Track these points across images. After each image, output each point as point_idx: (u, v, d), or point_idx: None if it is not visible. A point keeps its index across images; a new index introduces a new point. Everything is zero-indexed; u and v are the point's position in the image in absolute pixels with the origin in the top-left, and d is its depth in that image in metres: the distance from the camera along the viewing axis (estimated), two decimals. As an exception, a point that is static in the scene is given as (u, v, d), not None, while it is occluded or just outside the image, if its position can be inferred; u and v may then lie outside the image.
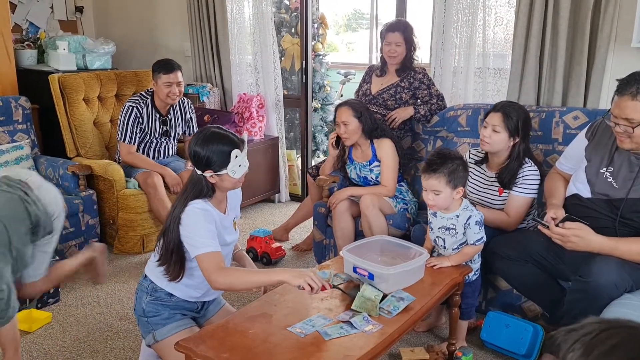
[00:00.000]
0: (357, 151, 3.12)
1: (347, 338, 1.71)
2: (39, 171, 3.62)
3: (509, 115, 2.51)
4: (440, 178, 2.13)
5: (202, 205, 1.95)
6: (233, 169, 1.96)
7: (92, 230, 3.51)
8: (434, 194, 2.16)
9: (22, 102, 3.73)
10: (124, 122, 3.54)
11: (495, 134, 2.51)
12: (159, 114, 3.64)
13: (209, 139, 1.95)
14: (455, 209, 2.22)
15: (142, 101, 3.58)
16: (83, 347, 2.49)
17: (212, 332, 1.76)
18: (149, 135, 3.64)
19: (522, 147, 2.55)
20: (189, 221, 1.92)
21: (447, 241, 2.25)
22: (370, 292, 1.90)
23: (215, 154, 1.93)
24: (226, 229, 2.09)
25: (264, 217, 4.30)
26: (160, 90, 3.53)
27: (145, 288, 2.12)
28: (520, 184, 2.51)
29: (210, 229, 1.92)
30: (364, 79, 3.55)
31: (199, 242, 1.89)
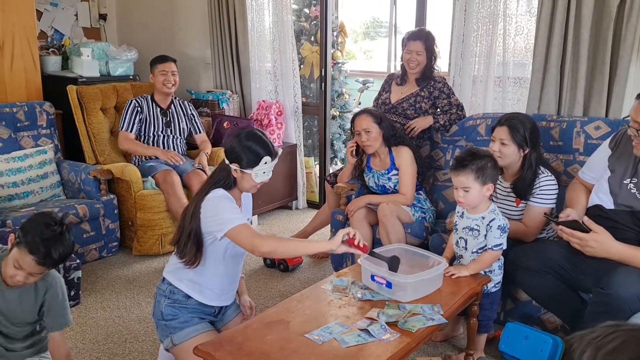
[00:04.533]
0: (376, 159, 3.13)
1: (365, 346, 1.71)
2: (61, 175, 3.69)
3: (515, 128, 2.50)
4: (468, 174, 2.15)
5: (222, 192, 2.03)
6: (257, 172, 2.02)
7: (112, 235, 3.56)
8: (464, 191, 2.18)
9: (46, 108, 3.81)
10: (123, 113, 3.76)
11: (504, 147, 2.50)
12: (159, 108, 3.83)
13: (251, 137, 2.05)
14: (483, 211, 2.22)
15: (142, 98, 3.84)
16: (102, 350, 2.52)
17: (231, 337, 1.77)
18: (153, 128, 3.79)
19: (533, 156, 2.53)
20: (211, 205, 1.98)
21: (469, 243, 2.24)
22: (394, 312, 1.90)
23: (250, 152, 2.01)
24: None
25: (281, 224, 4.32)
26: (156, 80, 3.77)
27: (163, 291, 2.14)
28: (537, 195, 2.49)
29: (234, 207, 1.99)
30: (384, 87, 3.55)
31: (227, 218, 1.94)
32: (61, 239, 1.82)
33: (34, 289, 1.97)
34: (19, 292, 1.95)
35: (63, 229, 1.84)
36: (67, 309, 2.06)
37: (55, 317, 2.03)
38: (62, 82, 4.13)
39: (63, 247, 1.81)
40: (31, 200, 3.49)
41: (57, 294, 2.01)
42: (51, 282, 2.00)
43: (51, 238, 1.79)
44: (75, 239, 3.27)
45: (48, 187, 3.60)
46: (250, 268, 3.42)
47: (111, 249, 3.57)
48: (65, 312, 2.05)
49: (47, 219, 1.85)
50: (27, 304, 1.99)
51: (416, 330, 1.80)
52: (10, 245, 1.83)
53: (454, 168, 2.21)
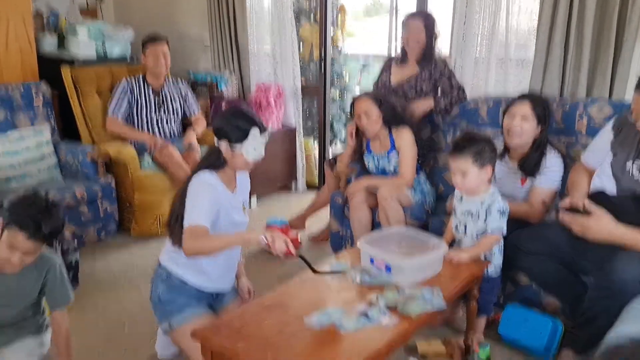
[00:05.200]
0: (376, 142, 3.09)
1: (364, 331, 1.70)
2: (58, 157, 3.66)
3: (537, 102, 2.50)
4: (466, 158, 2.13)
5: (208, 178, 2.00)
6: (248, 149, 1.98)
7: (110, 217, 3.54)
8: (461, 176, 2.16)
9: (42, 89, 3.76)
10: (112, 95, 3.73)
11: (525, 123, 2.48)
12: (152, 89, 3.79)
13: (234, 112, 2.04)
14: (482, 195, 2.21)
15: (133, 78, 3.78)
16: (100, 333, 2.52)
17: (228, 321, 1.76)
18: (145, 110, 3.74)
19: (545, 135, 2.53)
20: (191, 190, 1.97)
21: (469, 227, 2.23)
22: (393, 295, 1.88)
23: (236, 127, 1.98)
24: (235, 209, 2.11)
25: (280, 206, 4.30)
26: (148, 61, 3.72)
27: (160, 275, 2.13)
28: (544, 174, 2.48)
29: (205, 203, 1.94)
30: (383, 69, 3.50)
31: (191, 213, 1.91)
32: (49, 212, 1.82)
33: (34, 271, 1.96)
34: (18, 278, 1.94)
35: (48, 203, 1.85)
36: (67, 287, 2.07)
37: (56, 296, 2.03)
38: (58, 63, 4.07)
39: (52, 219, 1.82)
40: (29, 182, 3.45)
41: (56, 274, 2.02)
42: (52, 264, 2.01)
43: (38, 212, 1.79)
44: (73, 221, 3.30)
45: (45, 169, 3.56)
46: (248, 251, 3.41)
47: (109, 231, 3.55)
48: (66, 290, 2.06)
49: (30, 196, 1.85)
50: (27, 288, 1.98)
51: (416, 314, 1.79)
52: (0, 231, 1.81)
53: (452, 152, 2.19)
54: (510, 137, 2.52)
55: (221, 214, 2.01)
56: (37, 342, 2.11)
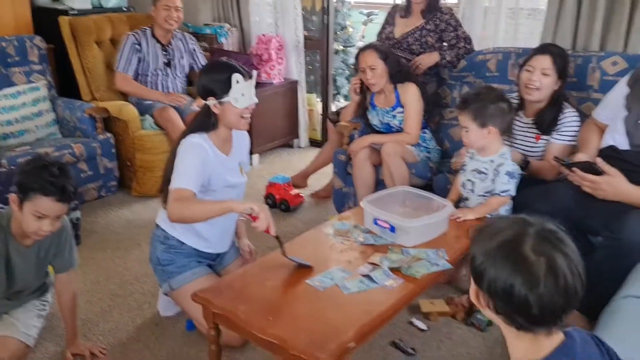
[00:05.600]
0: (380, 96, 3.00)
1: (367, 293, 1.67)
2: (56, 113, 3.58)
3: (558, 55, 2.41)
4: (466, 114, 2.12)
5: (197, 139, 1.93)
6: (235, 96, 1.91)
7: (110, 174, 3.49)
8: (464, 131, 2.15)
9: (37, 42, 3.65)
10: (120, 51, 3.53)
11: (545, 78, 2.39)
12: (160, 44, 3.60)
13: (211, 66, 2.04)
14: (492, 154, 2.17)
15: (140, 31, 3.57)
16: (103, 291, 2.51)
17: (230, 282, 1.74)
18: (151, 66, 3.58)
19: (562, 90, 2.45)
20: (180, 152, 1.91)
21: (477, 185, 2.19)
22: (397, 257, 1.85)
23: (217, 78, 1.92)
24: (230, 170, 2.05)
25: (282, 163, 4.24)
26: (158, 15, 3.50)
27: (158, 237, 2.10)
28: (561, 131, 2.41)
29: (193, 164, 1.87)
30: (387, 20, 3.36)
31: (177, 176, 1.86)
32: (67, 174, 1.80)
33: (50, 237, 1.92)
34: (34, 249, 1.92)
35: (61, 165, 1.82)
36: (74, 251, 2.06)
37: (62, 260, 2.03)
38: (53, 15, 3.94)
39: (70, 179, 1.80)
40: (26, 138, 3.40)
41: (67, 237, 2.01)
42: (64, 227, 1.98)
43: (57, 174, 1.76)
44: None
45: (43, 125, 3.50)
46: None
47: (110, 188, 3.52)
48: (72, 254, 2.05)
49: (41, 162, 1.80)
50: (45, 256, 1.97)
51: (420, 276, 1.76)
52: (15, 204, 1.76)
53: (457, 106, 2.19)
54: (529, 92, 2.43)
55: (213, 177, 1.95)
56: (42, 302, 2.12)
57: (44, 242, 1.93)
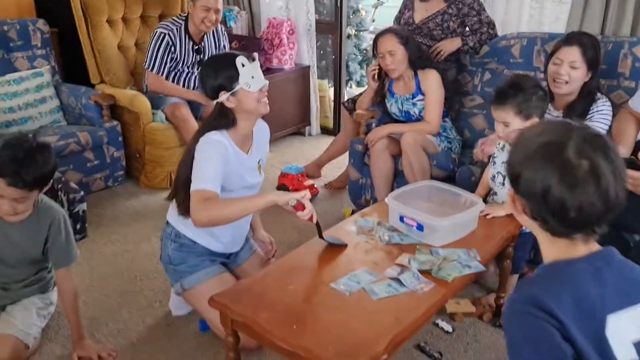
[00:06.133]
0: (399, 83, 2.87)
1: (397, 298, 1.56)
2: (60, 100, 3.45)
3: (587, 46, 2.24)
4: (507, 110, 1.96)
5: (217, 136, 1.79)
6: (246, 80, 1.78)
7: (117, 163, 3.38)
8: (503, 126, 1.99)
9: (40, 25, 3.51)
10: (154, 49, 3.25)
11: (574, 71, 2.22)
12: (192, 42, 3.34)
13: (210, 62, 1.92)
14: None
15: (175, 27, 3.26)
16: (111, 287, 2.41)
17: (249, 286, 1.62)
18: (181, 64, 3.36)
19: (595, 81, 2.30)
20: (199, 152, 1.77)
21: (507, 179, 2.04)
22: (426, 258, 1.73)
23: (221, 72, 1.80)
24: (249, 170, 1.92)
25: (293, 151, 4.12)
26: (195, 14, 3.21)
27: (168, 235, 1.99)
28: (595, 119, 2.24)
29: (214, 163, 1.74)
30: (405, 4, 3.19)
31: (198, 177, 1.72)
32: (34, 158, 1.70)
33: (36, 222, 1.87)
34: (20, 227, 1.84)
35: (33, 146, 1.72)
36: (71, 245, 1.96)
37: (59, 253, 1.93)
38: (56, -4, 3.79)
39: (37, 165, 1.70)
40: (30, 126, 3.28)
41: (60, 229, 1.91)
42: (55, 216, 1.90)
43: (21, 157, 1.67)
44: (79, 168, 3.15)
45: (47, 112, 3.37)
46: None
47: (117, 178, 3.40)
48: (70, 248, 1.95)
49: (17, 139, 1.72)
50: (31, 238, 1.88)
51: (452, 279, 1.64)
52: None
53: (494, 101, 2.00)
54: (558, 85, 2.27)
55: (232, 177, 1.82)
56: (44, 300, 2.02)
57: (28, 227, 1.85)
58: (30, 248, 1.91)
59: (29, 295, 1.99)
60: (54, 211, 1.91)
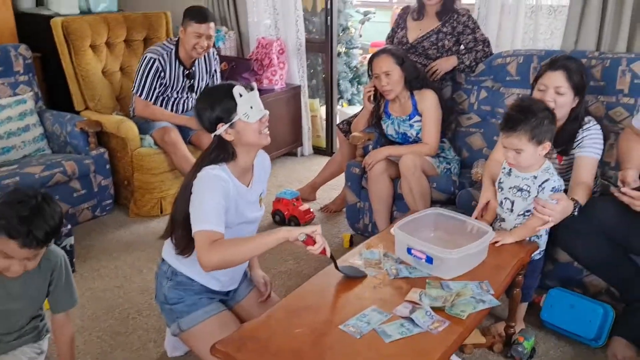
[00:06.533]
0: (395, 104, 2.80)
1: (411, 340, 1.46)
2: (44, 127, 3.34)
3: (572, 70, 2.13)
4: (520, 136, 1.86)
5: (217, 171, 1.69)
6: (244, 111, 1.69)
7: (105, 192, 3.26)
8: (515, 153, 1.90)
9: (22, 51, 3.40)
10: (142, 75, 3.15)
11: (560, 97, 2.12)
12: (183, 67, 3.25)
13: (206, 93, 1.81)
14: (535, 169, 1.95)
15: (165, 52, 3.17)
16: (103, 328, 2.29)
17: (253, 331, 1.52)
18: (170, 89, 3.27)
19: (582, 105, 2.20)
20: (197, 188, 1.67)
21: (516, 204, 1.98)
22: (437, 293, 1.64)
23: (218, 101, 1.71)
24: (249, 204, 1.83)
25: (286, 173, 4.03)
26: (187, 39, 3.12)
27: (164, 272, 1.89)
28: (587, 145, 2.15)
29: (216, 201, 1.65)
30: (398, 23, 3.15)
31: (201, 216, 1.63)
32: (41, 213, 1.56)
33: (39, 274, 1.73)
34: (21, 281, 1.70)
35: (39, 201, 1.58)
36: (73, 287, 1.85)
37: (60, 298, 1.81)
38: (38, 21, 3.70)
39: (46, 220, 1.56)
40: (13, 156, 3.16)
41: (62, 274, 1.79)
42: (57, 262, 1.77)
43: (29, 215, 1.53)
44: (65, 198, 3.03)
45: (31, 140, 3.25)
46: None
47: (105, 207, 3.28)
48: (72, 291, 1.84)
49: (19, 195, 1.57)
50: (34, 292, 1.75)
51: (466, 316, 1.56)
52: None
53: (504, 128, 1.91)
54: None
55: (230, 213, 1.72)
56: (35, 350, 1.89)
57: (32, 278, 1.72)
58: (35, 299, 1.79)
59: (21, 345, 1.87)
60: (54, 256, 1.78)
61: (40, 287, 1.76)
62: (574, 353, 2.11)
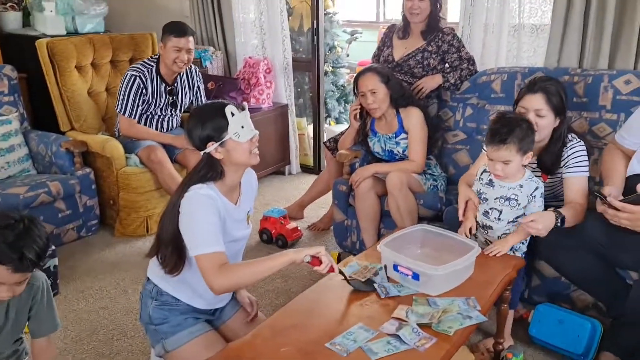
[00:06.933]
0: (381, 122, 2.82)
1: (397, 357, 1.45)
2: (29, 148, 3.31)
3: (551, 93, 2.14)
4: (510, 148, 1.92)
5: (205, 191, 1.68)
6: (235, 130, 1.69)
7: (90, 212, 3.23)
8: (503, 165, 1.95)
9: (7, 72, 3.38)
10: (125, 93, 3.16)
11: (540, 119, 2.12)
12: (164, 83, 3.26)
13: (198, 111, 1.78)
14: (519, 179, 2.00)
15: (146, 70, 3.19)
16: (86, 350, 2.25)
17: (238, 351, 1.50)
18: (153, 106, 3.27)
19: (564, 125, 2.20)
20: (188, 209, 1.65)
21: (505, 213, 2.01)
22: (424, 309, 1.63)
23: (209, 120, 1.69)
24: (237, 223, 1.81)
25: (274, 192, 4.02)
26: (167, 54, 3.15)
27: (149, 292, 1.86)
28: (574, 165, 2.16)
29: (212, 222, 1.65)
30: (384, 42, 3.18)
31: (199, 239, 1.62)
32: (30, 235, 1.53)
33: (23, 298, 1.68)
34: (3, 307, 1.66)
35: (26, 224, 1.54)
36: (54, 311, 1.80)
37: (42, 322, 1.76)
38: (24, 41, 3.69)
39: (35, 243, 1.53)
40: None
41: (43, 297, 1.74)
42: (38, 286, 1.72)
43: (18, 239, 1.50)
44: (50, 219, 2.99)
45: (15, 161, 3.22)
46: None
47: (91, 227, 3.25)
48: (54, 315, 1.79)
49: (4, 220, 1.54)
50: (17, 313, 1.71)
51: (454, 332, 1.55)
52: None
53: (492, 142, 1.94)
54: None
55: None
56: None
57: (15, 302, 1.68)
58: (18, 324, 1.75)
59: None
60: (36, 279, 1.74)
61: (23, 311, 1.73)
62: (563, 369, 2.10)
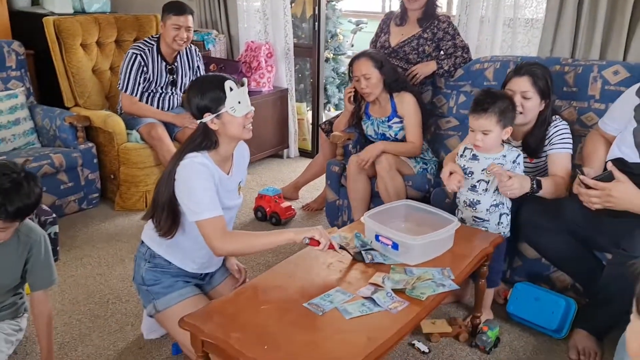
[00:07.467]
0: (375, 106, 2.89)
1: (370, 317, 1.54)
2: (34, 122, 3.41)
3: (537, 76, 2.23)
4: (490, 117, 2.02)
5: (200, 159, 1.77)
6: (232, 105, 1.77)
7: (92, 185, 3.33)
8: (482, 135, 2.05)
9: (15, 47, 3.48)
10: (126, 70, 3.25)
11: (527, 101, 2.22)
12: (165, 62, 3.35)
13: (199, 83, 1.85)
14: (500, 150, 2.11)
15: (147, 48, 3.28)
16: (82, 312, 2.35)
17: (221, 307, 1.59)
18: (154, 85, 3.36)
19: (550, 108, 2.29)
20: (185, 176, 1.75)
21: (492, 183, 2.10)
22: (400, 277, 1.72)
23: (208, 94, 1.77)
24: (228, 192, 1.90)
25: (272, 174, 4.11)
26: (167, 32, 3.24)
27: (143, 254, 1.96)
28: (558, 142, 2.25)
29: (209, 188, 1.75)
30: (381, 28, 3.25)
31: (199, 205, 1.72)
32: (19, 189, 1.65)
33: (16, 248, 1.82)
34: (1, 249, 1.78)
35: (21, 177, 1.66)
36: (52, 266, 1.92)
37: (39, 275, 1.88)
38: (33, 19, 3.78)
39: (20, 197, 1.65)
40: (2, 148, 3.23)
41: (40, 251, 1.86)
42: (36, 239, 1.85)
43: (7, 189, 1.62)
44: (52, 190, 3.09)
45: (21, 134, 3.33)
46: (239, 221, 3.24)
47: (91, 200, 3.35)
48: (51, 270, 1.91)
49: (4, 168, 1.65)
50: (9, 264, 1.82)
51: (426, 297, 1.63)
52: None
53: (474, 111, 2.05)
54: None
55: None
56: (13, 327, 1.95)
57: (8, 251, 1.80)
58: (10, 273, 1.86)
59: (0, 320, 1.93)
60: (34, 233, 1.86)
61: (16, 262, 1.83)
62: (537, 343, 2.18)
